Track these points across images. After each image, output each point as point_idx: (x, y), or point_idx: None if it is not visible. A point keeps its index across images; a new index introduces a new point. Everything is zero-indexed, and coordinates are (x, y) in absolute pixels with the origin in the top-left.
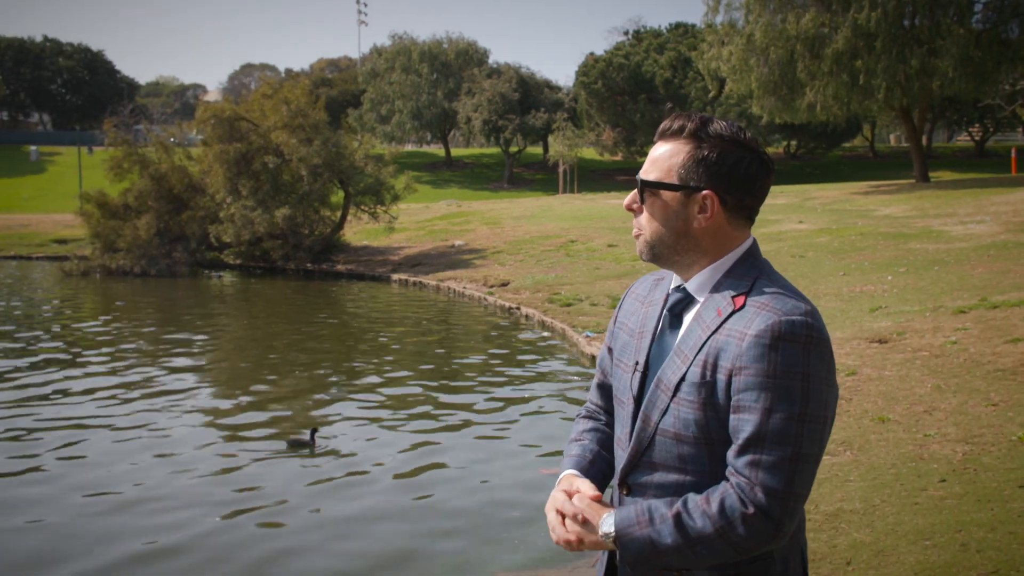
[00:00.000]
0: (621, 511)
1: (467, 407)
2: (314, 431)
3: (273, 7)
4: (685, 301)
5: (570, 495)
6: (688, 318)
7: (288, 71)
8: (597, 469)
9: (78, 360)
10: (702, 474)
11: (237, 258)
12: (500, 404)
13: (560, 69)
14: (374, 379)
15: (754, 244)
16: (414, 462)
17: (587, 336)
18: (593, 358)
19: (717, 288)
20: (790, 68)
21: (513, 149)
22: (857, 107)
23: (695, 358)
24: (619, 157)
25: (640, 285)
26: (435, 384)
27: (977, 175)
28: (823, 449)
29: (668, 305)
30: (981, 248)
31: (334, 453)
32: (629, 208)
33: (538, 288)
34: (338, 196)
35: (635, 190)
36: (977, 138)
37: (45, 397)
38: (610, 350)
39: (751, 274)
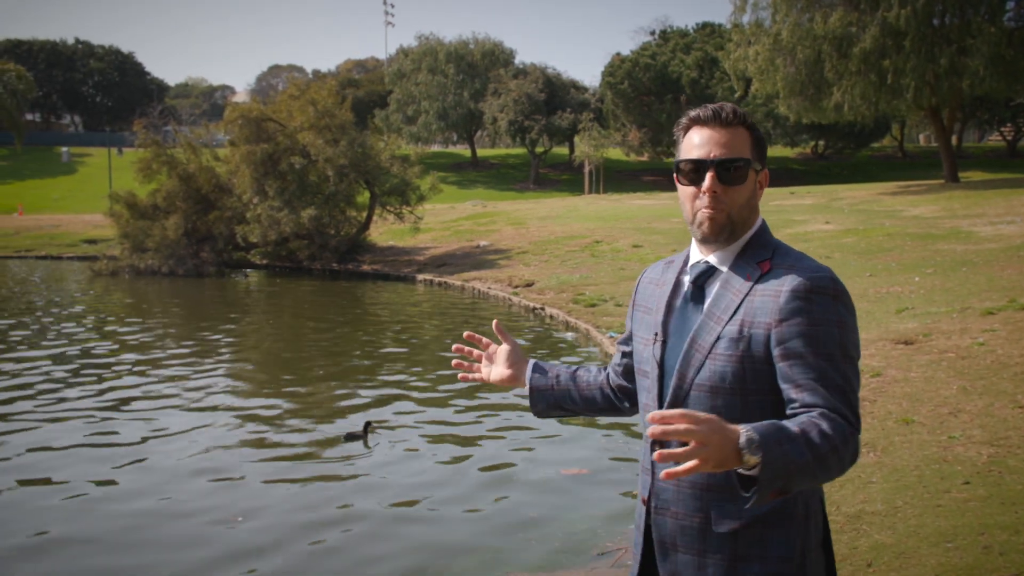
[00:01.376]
0: (750, 427)
1: (488, 405)
2: (367, 425)
3: (301, 8)
4: (708, 273)
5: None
6: (714, 286)
7: (315, 72)
8: (553, 374)
9: (115, 361)
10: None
11: (263, 258)
12: (517, 403)
13: (586, 69)
14: (401, 379)
15: (764, 222)
16: (436, 464)
17: (611, 337)
18: None
19: (740, 257)
20: (817, 68)
21: (539, 150)
22: (885, 107)
23: (731, 318)
24: (645, 157)
25: (651, 271)
26: (459, 384)
27: (1008, 175)
28: (859, 384)
29: (693, 277)
30: (1011, 249)
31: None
32: (714, 190)
33: (563, 288)
34: (364, 196)
35: (712, 172)
36: (1009, 138)
37: (123, 401)
38: (630, 334)
39: (770, 244)
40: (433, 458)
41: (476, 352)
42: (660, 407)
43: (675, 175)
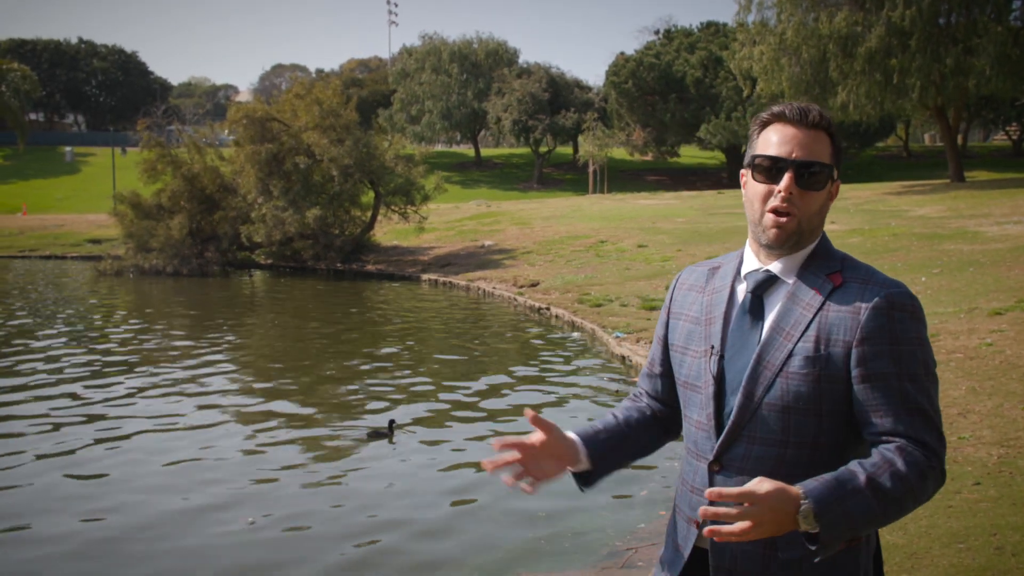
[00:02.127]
0: (808, 492)
1: (497, 408)
2: (392, 423)
3: (304, 8)
4: (768, 283)
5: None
6: (777, 298)
7: (319, 71)
8: (605, 438)
9: (126, 363)
10: (802, 445)
11: (268, 258)
12: (527, 403)
13: (590, 69)
14: (408, 379)
15: (825, 232)
16: (443, 464)
17: (617, 337)
18: (623, 359)
19: (807, 268)
20: (822, 67)
21: (543, 149)
22: (891, 106)
23: (803, 334)
24: (649, 157)
25: (691, 275)
26: (467, 384)
27: (1014, 175)
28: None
29: (752, 287)
30: (1018, 249)
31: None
32: (789, 192)
33: (568, 288)
34: (368, 196)
35: (789, 175)
36: (1014, 137)
37: (126, 397)
38: (666, 343)
39: (836, 255)
40: (439, 457)
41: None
42: (719, 425)
43: (747, 171)
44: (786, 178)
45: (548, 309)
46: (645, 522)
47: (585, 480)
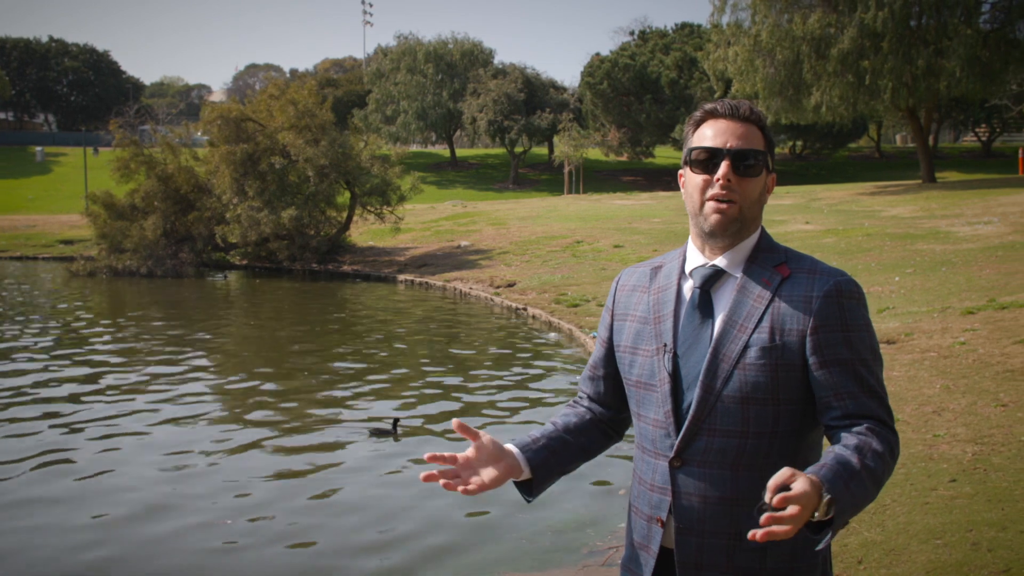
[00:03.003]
0: (823, 479)
1: (474, 406)
2: (395, 421)
3: (278, 7)
4: (714, 277)
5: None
6: (726, 292)
7: (293, 71)
8: (543, 445)
9: (95, 362)
10: (761, 435)
11: (243, 258)
12: (507, 404)
13: (565, 69)
14: (384, 379)
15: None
16: (419, 465)
17: (594, 336)
18: None
19: (753, 261)
20: (796, 69)
21: (518, 149)
22: (863, 107)
23: (758, 325)
24: (624, 157)
25: (631, 276)
26: (444, 384)
27: (984, 175)
28: None
29: (699, 282)
30: (989, 249)
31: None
32: (728, 179)
33: (544, 289)
34: (344, 197)
35: (727, 162)
36: (984, 138)
37: (75, 399)
38: (611, 346)
39: (778, 248)
40: (412, 455)
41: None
42: (678, 421)
43: (685, 167)
44: (723, 166)
45: (525, 309)
46: (625, 520)
47: (527, 490)
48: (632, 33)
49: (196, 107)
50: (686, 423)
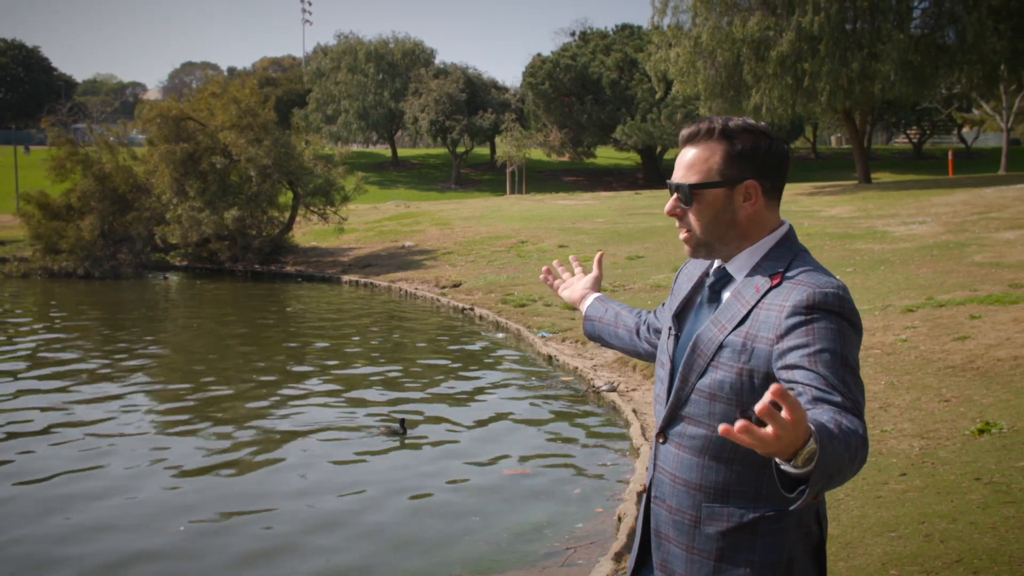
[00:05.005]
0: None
1: (427, 405)
2: (403, 421)
3: (214, 4)
4: (724, 280)
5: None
6: (727, 294)
7: (231, 69)
8: (604, 310)
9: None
10: None
11: (183, 259)
12: (459, 404)
13: (507, 70)
14: (331, 382)
15: (791, 230)
16: (375, 465)
17: (543, 336)
18: (550, 358)
19: (756, 268)
20: (736, 70)
21: (460, 150)
22: (801, 109)
23: (735, 328)
24: (566, 158)
25: (688, 264)
26: (395, 384)
27: (916, 176)
28: (864, 399)
29: (709, 282)
30: (924, 248)
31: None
32: (672, 214)
33: (491, 289)
34: (287, 197)
35: (674, 197)
36: (914, 140)
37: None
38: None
39: (787, 256)
40: (371, 458)
41: (565, 272)
42: (666, 400)
43: None
44: (670, 203)
45: (472, 310)
46: (583, 521)
47: (584, 329)
48: (573, 34)
49: (131, 105)
50: (668, 405)
